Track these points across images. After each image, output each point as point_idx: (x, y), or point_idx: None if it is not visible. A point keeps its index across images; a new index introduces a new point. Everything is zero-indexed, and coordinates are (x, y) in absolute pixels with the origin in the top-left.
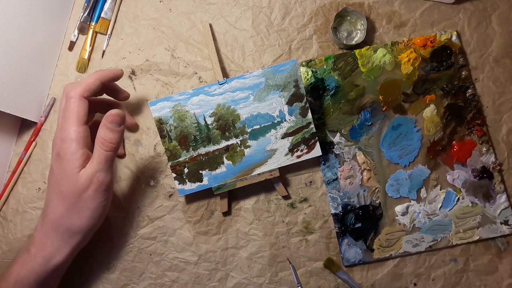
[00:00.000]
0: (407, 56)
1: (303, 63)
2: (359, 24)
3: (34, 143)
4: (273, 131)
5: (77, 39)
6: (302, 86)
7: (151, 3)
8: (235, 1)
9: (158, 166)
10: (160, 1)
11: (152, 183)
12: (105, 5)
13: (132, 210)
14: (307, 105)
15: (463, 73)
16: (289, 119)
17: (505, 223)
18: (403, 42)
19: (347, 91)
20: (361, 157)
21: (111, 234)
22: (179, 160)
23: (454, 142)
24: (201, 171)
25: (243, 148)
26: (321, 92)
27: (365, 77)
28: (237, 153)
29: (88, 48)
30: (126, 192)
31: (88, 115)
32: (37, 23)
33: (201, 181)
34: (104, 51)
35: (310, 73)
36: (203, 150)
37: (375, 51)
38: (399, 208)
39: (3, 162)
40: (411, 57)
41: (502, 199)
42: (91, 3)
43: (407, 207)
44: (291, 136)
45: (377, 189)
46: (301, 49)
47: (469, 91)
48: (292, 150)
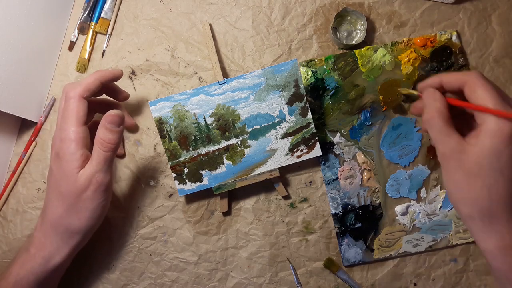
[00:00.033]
0: (407, 56)
1: (303, 63)
2: (359, 24)
3: (34, 143)
4: (273, 131)
5: (77, 39)
6: (302, 86)
7: (151, 3)
8: (235, 1)
9: (158, 166)
10: (160, 1)
11: (152, 183)
12: (105, 5)
13: (132, 210)
14: (307, 105)
15: None
16: (289, 119)
17: None
18: (403, 42)
19: (347, 91)
20: (361, 157)
21: (111, 234)
22: (179, 160)
23: None
24: (201, 171)
25: (243, 148)
26: (321, 92)
27: (365, 77)
28: (237, 153)
29: (88, 48)
30: (126, 192)
31: (87, 115)
32: (37, 23)
33: (201, 181)
34: (104, 51)
35: (310, 73)
36: (203, 150)
37: (375, 51)
38: (399, 208)
39: (3, 162)
40: (411, 57)
41: None
42: (91, 3)
43: (407, 207)
44: (291, 136)
45: (377, 189)
46: (301, 49)
47: None
48: (292, 150)
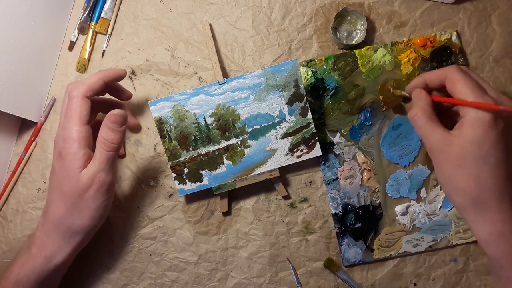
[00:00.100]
0: (407, 56)
1: (303, 63)
2: (359, 24)
3: (34, 143)
4: (273, 131)
5: (77, 39)
6: (302, 86)
7: (151, 3)
8: (235, 1)
9: (158, 166)
10: (160, 1)
11: (152, 183)
12: (105, 5)
13: (132, 210)
14: (307, 105)
15: None
16: (289, 119)
17: None
18: (403, 42)
19: (347, 91)
20: (361, 157)
21: (111, 234)
22: (179, 160)
23: None
24: (201, 171)
25: (243, 148)
26: (321, 92)
27: (365, 77)
28: (237, 153)
29: (88, 48)
30: (126, 192)
31: (90, 115)
32: (37, 23)
33: (201, 181)
34: (104, 51)
35: (310, 73)
36: (203, 150)
37: (375, 51)
38: (399, 208)
39: (3, 162)
40: (411, 57)
41: None
42: (91, 3)
43: (407, 207)
44: (291, 136)
45: (377, 189)
46: (301, 49)
47: None
48: (292, 150)
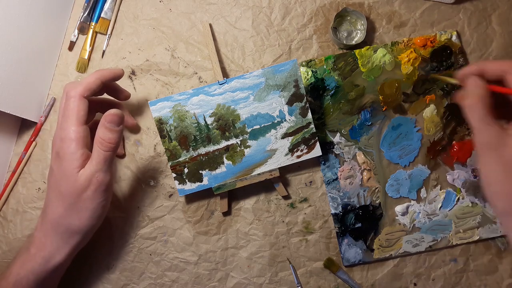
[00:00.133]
0: (407, 56)
1: (303, 63)
2: (359, 24)
3: (34, 143)
4: (273, 131)
5: (77, 39)
6: (302, 86)
7: (151, 3)
8: (235, 1)
9: (158, 166)
10: (160, 1)
11: (152, 183)
12: (105, 5)
13: (132, 210)
14: (307, 105)
15: None
16: (289, 119)
17: None
18: (403, 42)
19: (347, 91)
20: (361, 157)
21: (111, 234)
22: (179, 160)
23: (454, 142)
24: (201, 171)
25: (243, 148)
26: (321, 92)
27: (365, 77)
28: (237, 153)
29: (88, 48)
30: (126, 192)
31: (88, 115)
32: (37, 23)
33: (201, 181)
34: (104, 51)
35: (310, 73)
36: (203, 150)
37: (375, 51)
38: (399, 208)
39: (3, 162)
40: (411, 57)
41: None
42: (91, 3)
43: (407, 207)
44: (291, 136)
45: (377, 189)
46: (301, 49)
47: None
48: (292, 150)
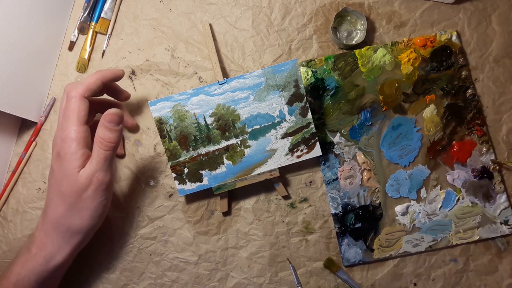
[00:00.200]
0: (407, 56)
1: (303, 63)
2: (359, 24)
3: (34, 143)
4: (273, 131)
5: (77, 39)
6: (302, 86)
7: (151, 3)
8: (235, 1)
9: (158, 166)
10: (160, 1)
11: (152, 183)
12: (105, 5)
13: (132, 210)
14: (307, 105)
15: (463, 73)
16: (289, 119)
17: (505, 223)
18: (403, 42)
19: (347, 91)
20: (361, 157)
21: (111, 234)
22: (179, 160)
23: (454, 142)
24: (201, 171)
25: (243, 148)
26: (321, 92)
27: (365, 77)
28: (237, 153)
29: (88, 48)
30: (126, 192)
31: (88, 115)
32: (37, 23)
33: (201, 181)
34: (104, 51)
35: (310, 73)
36: (203, 150)
37: (375, 51)
38: (399, 208)
39: (3, 162)
40: (411, 57)
41: (502, 199)
42: (91, 3)
43: (407, 207)
44: (291, 136)
45: (377, 189)
46: (301, 49)
47: (469, 91)
48: (292, 150)
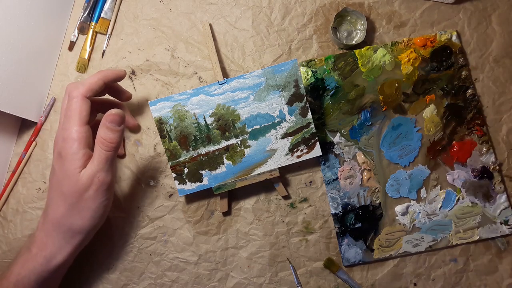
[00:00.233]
0: (407, 56)
1: (303, 63)
2: (359, 24)
3: (34, 143)
4: (273, 131)
5: (77, 39)
6: (302, 86)
7: (151, 3)
8: (235, 1)
9: (158, 166)
10: (160, 1)
11: (152, 183)
12: (105, 5)
13: (132, 210)
14: (307, 105)
15: (463, 73)
16: (289, 119)
17: (505, 223)
18: (403, 42)
19: (347, 91)
20: (361, 157)
21: (111, 234)
22: (179, 160)
23: (454, 142)
24: (201, 171)
25: (243, 148)
26: (321, 92)
27: (365, 77)
28: (237, 153)
29: (88, 48)
30: (126, 192)
31: (90, 115)
32: (37, 23)
33: (201, 181)
34: (104, 51)
35: (310, 73)
36: (203, 150)
37: (375, 51)
38: (399, 208)
39: (3, 162)
40: (411, 57)
41: (502, 199)
42: (91, 3)
43: (407, 207)
44: (291, 136)
45: (377, 189)
46: (301, 49)
47: (469, 91)
48: (292, 150)
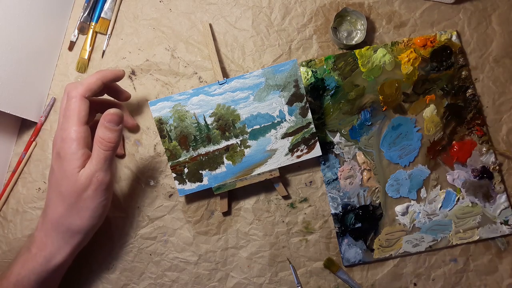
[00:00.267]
0: (407, 56)
1: (303, 63)
2: (359, 24)
3: (34, 143)
4: (273, 131)
5: (77, 39)
6: (302, 86)
7: (151, 3)
8: (235, 1)
9: (158, 166)
10: (160, 1)
11: (152, 183)
12: (105, 5)
13: (132, 210)
14: (307, 105)
15: (463, 73)
16: (289, 119)
17: (505, 223)
18: (403, 42)
19: (347, 91)
20: (361, 157)
21: (111, 234)
22: (179, 160)
23: (454, 142)
24: (201, 171)
25: (243, 148)
26: (321, 92)
27: (365, 77)
28: (237, 153)
29: (88, 48)
30: (126, 192)
31: (89, 115)
32: (37, 23)
33: (201, 181)
34: (104, 51)
35: (310, 73)
36: (203, 150)
37: (375, 51)
38: (399, 208)
39: (3, 162)
40: (411, 57)
41: (502, 199)
42: (91, 3)
43: (407, 207)
44: (291, 136)
45: (377, 189)
46: (301, 49)
47: (469, 91)
48: (292, 150)
